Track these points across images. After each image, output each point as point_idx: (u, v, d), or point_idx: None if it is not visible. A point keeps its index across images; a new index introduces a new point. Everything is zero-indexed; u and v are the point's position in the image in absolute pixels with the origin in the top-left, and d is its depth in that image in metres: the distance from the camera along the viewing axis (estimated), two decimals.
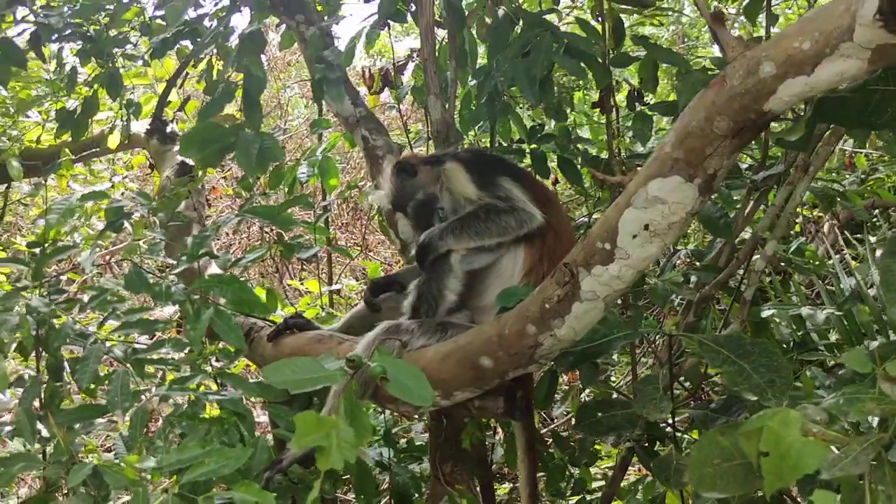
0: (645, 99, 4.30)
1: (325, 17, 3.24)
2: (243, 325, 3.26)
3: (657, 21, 5.57)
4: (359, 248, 7.94)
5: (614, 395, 3.69)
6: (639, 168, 3.85)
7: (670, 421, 2.76)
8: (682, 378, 3.39)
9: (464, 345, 2.48)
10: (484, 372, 2.42)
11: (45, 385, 2.71)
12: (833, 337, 4.79)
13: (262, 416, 4.16)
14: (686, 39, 7.46)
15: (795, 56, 1.64)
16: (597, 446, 3.74)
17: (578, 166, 3.66)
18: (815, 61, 1.63)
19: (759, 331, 3.85)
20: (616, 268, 2.06)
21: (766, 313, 3.47)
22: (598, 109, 4.61)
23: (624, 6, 3.74)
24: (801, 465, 1.52)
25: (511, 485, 4.63)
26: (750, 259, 3.21)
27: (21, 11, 3.98)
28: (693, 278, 3.50)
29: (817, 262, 4.24)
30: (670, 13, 5.80)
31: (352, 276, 8.05)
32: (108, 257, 6.17)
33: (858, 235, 5.96)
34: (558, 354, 2.38)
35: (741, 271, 3.35)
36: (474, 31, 3.85)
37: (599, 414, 2.89)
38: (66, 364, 2.78)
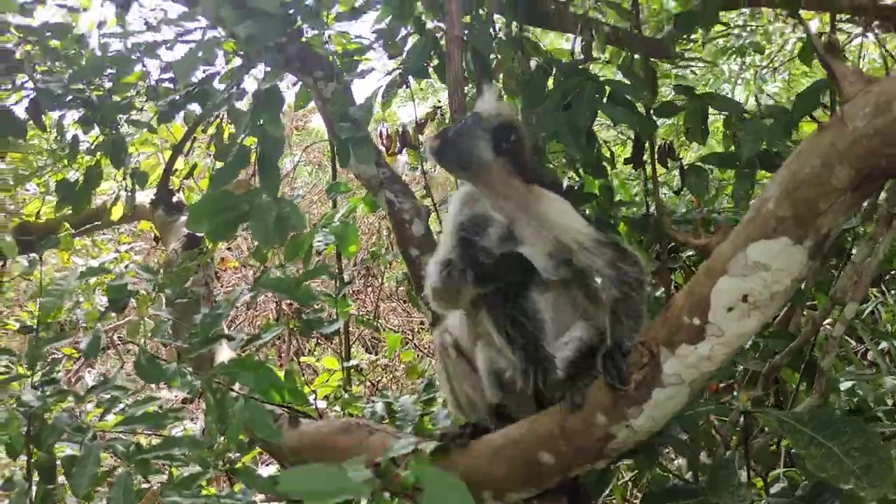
0: (677, 154, 4.05)
1: (345, 73, 2.99)
2: None
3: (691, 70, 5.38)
4: (370, 318, 7.63)
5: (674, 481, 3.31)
6: (682, 231, 3.56)
7: None
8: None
9: (517, 439, 2.13)
10: (543, 469, 2.07)
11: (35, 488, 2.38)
12: (890, 402, 4.46)
13: None
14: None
15: None
16: None
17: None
18: None
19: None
20: (706, 347, 1.73)
21: (845, 384, 3.12)
22: (630, 165, 4.38)
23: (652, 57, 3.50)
24: None
25: None
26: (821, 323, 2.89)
27: (20, 78, 3.75)
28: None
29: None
30: (703, 65, 5.60)
31: (360, 345, 7.71)
32: (109, 335, 5.84)
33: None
34: None
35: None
36: (500, 84, 3.61)
37: None
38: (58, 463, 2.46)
